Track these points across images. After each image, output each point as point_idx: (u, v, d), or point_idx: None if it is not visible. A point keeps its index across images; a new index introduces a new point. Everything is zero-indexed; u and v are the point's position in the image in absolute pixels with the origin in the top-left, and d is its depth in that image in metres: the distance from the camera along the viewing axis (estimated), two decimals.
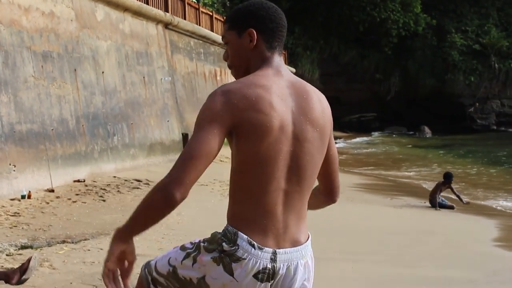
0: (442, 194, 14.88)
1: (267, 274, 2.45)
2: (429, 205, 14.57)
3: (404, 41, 53.65)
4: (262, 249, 2.45)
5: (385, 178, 22.23)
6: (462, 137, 45.56)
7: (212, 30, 28.25)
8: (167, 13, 21.62)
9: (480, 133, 51.35)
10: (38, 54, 13.28)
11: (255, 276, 2.44)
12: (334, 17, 51.87)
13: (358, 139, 44.83)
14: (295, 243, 2.54)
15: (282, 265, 2.48)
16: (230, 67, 2.78)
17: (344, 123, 51.84)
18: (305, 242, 2.58)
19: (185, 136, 21.66)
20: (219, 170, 18.69)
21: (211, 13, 29.27)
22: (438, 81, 54.37)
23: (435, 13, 54.04)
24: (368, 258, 8.77)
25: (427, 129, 50.44)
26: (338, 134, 48.46)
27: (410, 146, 39.99)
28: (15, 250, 7.73)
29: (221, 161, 21.30)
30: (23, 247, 7.90)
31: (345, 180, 19.50)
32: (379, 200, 15.63)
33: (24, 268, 6.29)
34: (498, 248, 10.14)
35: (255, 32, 2.62)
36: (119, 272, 2.60)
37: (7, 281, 6.20)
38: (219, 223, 9.78)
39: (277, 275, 2.47)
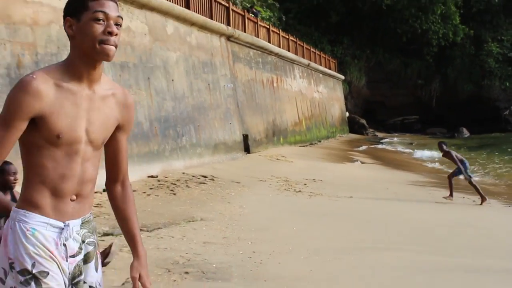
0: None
1: None
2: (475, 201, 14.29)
3: (444, 50, 53.13)
4: None
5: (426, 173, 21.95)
6: (497, 137, 44.82)
7: (269, 41, 28.25)
8: (229, 27, 21.73)
9: None
10: (117, 64, 13.49)
11: None
12: (379, 29, 51.49)
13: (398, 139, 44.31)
14: None
15: None
16: (114, 46, 2.42)
17: (389, 125, 51.50)
18: None
19: (245, 136, 21.71)
20: (276, 167, 18.80)
21: (268, 27, 29.27)
22: (475, 86, 53.96)
23: (473, 24, 53.29)
24: (411, 248, 8.70)
25: (465, 130, 50.06)
26: (383, 134, 48.04)
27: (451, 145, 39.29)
28: (98, 236, 7.86)
29: (277, 159, 21.35)
30: (105, 234, 8.03)
31: (393, 177, 19.35)
32: (420, 194, 15.44)
33: (106, 253, 6.42)
34: None
35: None
36: None
37: None
38: (277, 215, 9.84)
39: None
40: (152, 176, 13.69)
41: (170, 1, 16.77)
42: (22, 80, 2.30)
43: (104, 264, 6.36)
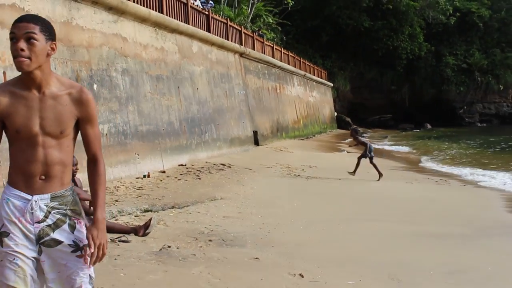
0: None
1: None
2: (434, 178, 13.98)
3: (411, 62, 53.01)
4: None
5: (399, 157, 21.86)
6: (454, 130, 45.04)
7: (273, 57, 28.16)
8: (241, 46, 21.70)
9: (467, 127, 51.08)
10: (153, 77, 13.50)
11: None
12: (360, 46, 51.35)
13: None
14: None
15: None
16: (27, 59, 2.36)
17: (369, 122, 51.50)
18: None
19: (255, 132, 21.70)
20: (279, 156, 18.79)
21: (272, 45, 29.19)
22: (436, 90, 54.04)
23: (434, 41, 53.15)
24: (388, 219, 8.69)
25: (428, 125, 50.18)
26: (363, 129, 47.90)
27: (417, 137, 39.28)
28: (140, 213, 7.88)
29: (280, 150, 21.33)
30: (146, 210, 8.04)
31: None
32: (394, 176, 15.36)
33: (147, 225, 6.44)
34: (486, 212, 9.89)
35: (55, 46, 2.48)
36: None
37: (136, 234, 6.36)
38: (281, 194, 9.79)
39: None
40: (181, 165, 13.72)
41: (195, 26, 16.77)
42: None
43: (145, 234, 6.38)
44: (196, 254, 5.52)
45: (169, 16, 14.66)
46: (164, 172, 12.40)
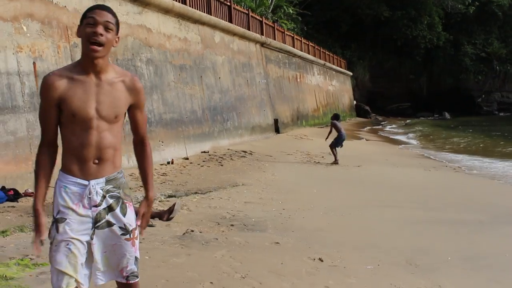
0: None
1: None
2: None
3: (430, 51, 52.45)
4: None
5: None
6: (472, 119, 44.52)
7: (293, 46, 28.03)
8: (262, 36, 21.62)
9: (485, 116, 50.45)
10: (177, 66, 13.53)
11: None
12: (379, 36, 50.91)
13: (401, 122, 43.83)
14: None
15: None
16: (101, 46, 2.43)
17: (387, 110, 51.12)
18: None
19: (275, 120, 21.67)
20: (299, 144, 18.74)
21: (292, 35, 29.03)
22: (455, 80, 53.47)
23: (452, 31, 52.40)
24: (406, 205, 8.62)
25: (447, 114, 49.56)
26: (382, 118, 47.52)
27: (436, 125, 38.86)
28: (164, 198, 7.94)
29: (300, 138, 21.27)
30: (170, 196, 8.10)
31: (391, 150, 19.15)
32: (412, 163, 15.25)
33: (171, 210, 6.48)
34: (498, 198, 9.76)
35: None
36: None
37: (160, 218, 6.41)
38: (301, 181, 9.77)
39: None
40: (204, 152, 13.77)
41: (217, 17, 16.73)
42: (43, 78, 2.45)
43: (169, 219, 6.42)
44: (218, 238, 5.54)
45: (192, 7, 14.65)
46: (187, 158, 12.45)
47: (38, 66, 8.44)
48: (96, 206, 2.47)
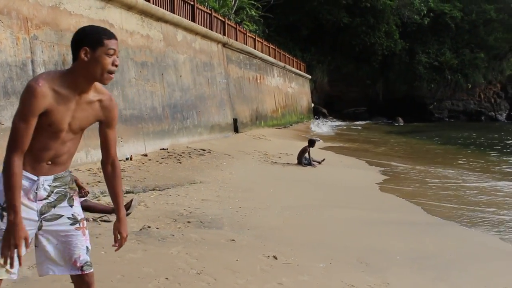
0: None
1: None
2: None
3: (386, 58, 53.35)
4: None
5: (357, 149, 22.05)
6: (424, 124, 45.69)
7: (255, 48, 28.08)
8: (225, 36, 21.59)
9: (436, 122, 51.86)
10: (138, 63, 13.39)
11: None
12: (338, 41, 51.52)
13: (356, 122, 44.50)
14: None
15: None
16: (113, 73, 2.54)
17: (344, 114, 51.80)
18: None
19: (235, 120, 21.68)
20: (257, 144, 18.81)
21: (254, 37, 29.08)
22: (409, 86, 54.43)
23: (408, 39, 53.46)
24: (356, 206, 8.78)
25: (400, 119, 50.47)
26: (340, 121, 48.19)
27: (387, 131, 39.62)
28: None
29: (259, 138, 21.35)
30: (127, 192, 7.98)
31: (345, 153, 19.41)
32: (363, 165, 15.51)
33: (128, 206, 6.42)
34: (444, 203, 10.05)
35: None
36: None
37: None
38: (258, 180, 9.81)
39: None
40: (163, 149, 13.67)
41: (180, 15, 16.62)
42: (31, 85, 2.40)
43: (126, 215, 6.35)
44: (175, 235, 5.52)
45: (155, 5, 14.51)
46: (146, 155, 12.34)
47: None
48: (41, 200, 2.52)
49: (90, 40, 2.47)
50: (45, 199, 2.53)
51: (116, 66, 2.53)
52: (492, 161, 18.60)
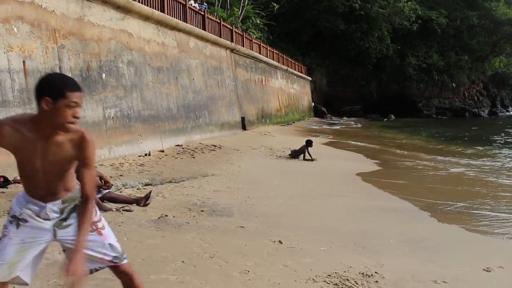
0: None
1: None
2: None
3: (379, 61, 53.13)
4: None
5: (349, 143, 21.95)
6: (414, 120, 45.58)
7: (260, 53, 28.03)
8: (232, 43, 21.56)
9: (425, 118, 51.63)
10: (155, 68, 13.40)
11: None
12: (336, 46, 51.36)
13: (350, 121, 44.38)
14: None
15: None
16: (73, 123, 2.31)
17: (341, 111, 51.72)
18: None
19: (242, 118, 21.67)
20: (263, 139, 18.80)
21: (259, 43, 29.03)
22: (400, 86, 54.31)
23: (399, 43, 53.21)
24: (355, 195, 8.75)
25: (392, 116, 50.38)
26: (336, 118, 48.06)
27: (381, 125, 39.48)
28: (141, 186, 7.87)
29: (265, 134, 21.33)
30: (146, 184, 8.03)
31: (342, 147, 19.36)
32: (361, 158, 15.45)
33: (147, 197, 6.44)
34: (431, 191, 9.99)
35: None
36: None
37: (138, 204, 6.36)
38: (264, 172, 9.78)
39: None
40: (178, 145, 13.70)
41: (192, 24, 16.62)
42: None
43: (145, 205, 6.38)
44: (190, 222, 5.53)
45: (170, 15, 14.51)
46: (163, 151, 12.36)
47: (28, 64, 8.25)
48: (53, 219, 2.44)
49: (52, 91, 2.23)
50: (56, 219, 2.45)
51: (77, 118, 2.28)
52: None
